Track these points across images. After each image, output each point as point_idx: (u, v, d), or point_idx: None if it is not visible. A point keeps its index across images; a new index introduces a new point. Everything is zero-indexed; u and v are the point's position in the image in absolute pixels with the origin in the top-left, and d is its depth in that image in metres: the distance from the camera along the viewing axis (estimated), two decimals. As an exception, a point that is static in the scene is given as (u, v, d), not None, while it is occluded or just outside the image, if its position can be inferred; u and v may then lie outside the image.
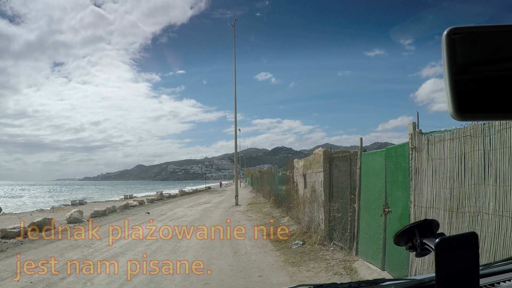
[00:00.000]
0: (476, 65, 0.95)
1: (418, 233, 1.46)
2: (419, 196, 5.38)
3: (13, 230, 12.64)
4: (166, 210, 24.36)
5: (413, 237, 1.49)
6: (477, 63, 0.95)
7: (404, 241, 1.53)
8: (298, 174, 14.17)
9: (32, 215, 20.18)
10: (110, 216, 20.77)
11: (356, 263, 7.73)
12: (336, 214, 9.43)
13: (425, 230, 1.46)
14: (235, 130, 30.98)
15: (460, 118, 0.96)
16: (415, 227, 1.48)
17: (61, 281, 7.38)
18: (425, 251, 1.45)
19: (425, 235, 1.44)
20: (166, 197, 38.25)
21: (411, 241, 1.51)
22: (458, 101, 0.95)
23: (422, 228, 1.47)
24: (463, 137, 4.32)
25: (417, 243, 1.46)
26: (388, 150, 6.77)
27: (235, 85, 29.88)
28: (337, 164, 9.60)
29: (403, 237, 1.52)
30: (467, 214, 4.19)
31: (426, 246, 1.41)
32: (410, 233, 1.49)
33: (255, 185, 46.77)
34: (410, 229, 1.49)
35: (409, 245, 1.52)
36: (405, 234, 1.51)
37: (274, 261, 8.71)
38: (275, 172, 25.53)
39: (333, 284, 1.90)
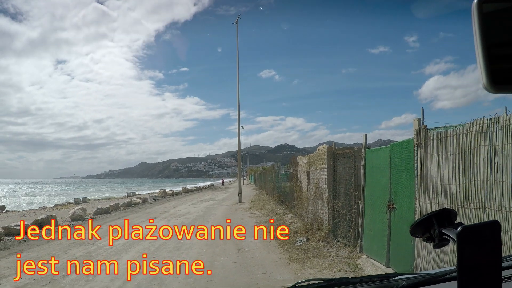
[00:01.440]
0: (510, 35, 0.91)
1: (436, 223, 1.41)
2: (425, 192, 5.35)
3: (16, 228, 12.65)
4: (170, 207, 24.39)
5: (430, 227, 1.43)
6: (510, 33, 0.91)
7: (421, 231, 1.47)
8: (302, 171, 14.15)
9: (35, 213, 20.19)
10: (114, 213, 20.81)
11: (360, 260, 7.70)
12: (340, 211, 9.41)
13: (443, 220, 1.40)
14: (238, 127, 31.03)
15: (494, 90, 0.92)
16: (433, 217, 1.42)
17: (63, 278, 7.40)
18: (443, 242, 1.40)
19: (443, 225, 1.39)
20: (169, 195, 38.32)
21: (428, 231, 1.45)
22: (492, 72, 0.91)
23: (440, 217, 1.41)
24: (468, 133, 4.29)
25: (435, 234, 1.40)
26: (393, 147, 6.74)
27: (238, 82, 29.90)
28: (341, 161, 9.57)
29: (420, 228, 1.46)
30: (473, 210, 4.16)
31: (445, 236, 1.35)
32: (428, 223, 1.43)
33: (258, 183, 46.77)
34: (427, 219, 1.43)
35: (427, 236, 1.46)
36: (422, 225, 1.45)
37: (278, 258, 8.70)
38: (279, 169, 25.50)
39: (344, 279, 1.89)
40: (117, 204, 23.56)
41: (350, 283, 1.86)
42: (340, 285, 1.84)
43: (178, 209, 22.60)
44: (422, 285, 1.84)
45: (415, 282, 1.86)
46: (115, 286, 6.75)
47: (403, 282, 1.85)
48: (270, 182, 28.21)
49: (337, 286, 1.83)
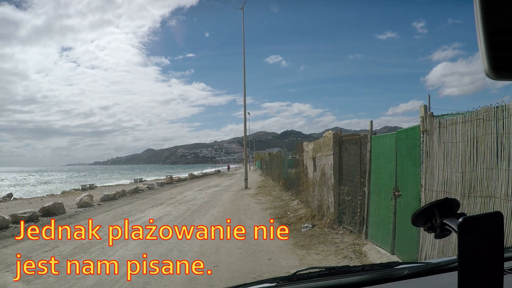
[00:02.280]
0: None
1: (438, 213, 1.38)
2: (430, 180, 5.33)
3: (23, 215, 12.79)
4: (176, 193, 24.54)
5: (432, 217, 1.40)
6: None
7: (422, 221, 1.45)
8: (308, 157, 14.14)
9: (42, 200, 20.31)
10: (120, 200, 20.96)
11: (365, 246, 7.72)
12: (345, 198, 9.41)
13: (445, 210, 1.37)
14: (244, 113, 30.96)
15: (496, 76, 0.90)
16: (435, 207, 1.39)
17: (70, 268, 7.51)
18: (445, 232, 1.37)
19: (445, 215, 1.36)
20: (175, 181, 38.50)
21: (430, 221, 1.42)
22: (494, 59, 0.88)
23: (442, 207, 1.38)
24: (475, 120, 4.24)
25: (437, 224, 1.38)
26: (399, 133, 6.70)
27: (244, 68, 29.74)
28: (347, 147, 9.54)
29: (421, 217, 1.44)
30: (479, 198, 4.14)
31: (447, 226, 1.33)
32: (429, 213, 1.41)
33: (264, 169, 46.88)
34: (429, 209, 1.40)
35: (428, 226, 1.44)
36: (423, 214, 1.43)
37: (284, 244, 8.74)
38: (285, 155, 25.50)
39: (346, 267, 1.89)
40: (124, 191, 23.70)
41: (351, 272, 1.85)
42: (341, 273, 1.84)
43: (184, 195, 22.73)
44: (424, 275, 1.84)
45: (417, 271, 1.86)
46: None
47: (405, 271, 1.85)
48: (276, 168, 28.26)
49: (338, 274, 1.83)
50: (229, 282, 5.99)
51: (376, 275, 1.85)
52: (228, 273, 6.60)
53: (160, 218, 13.36)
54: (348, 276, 1.83)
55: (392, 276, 1.83)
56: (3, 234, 10.66)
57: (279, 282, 1.77)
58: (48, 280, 6.54)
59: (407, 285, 1.76)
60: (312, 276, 1.81)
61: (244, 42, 29.41)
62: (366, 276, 1.83)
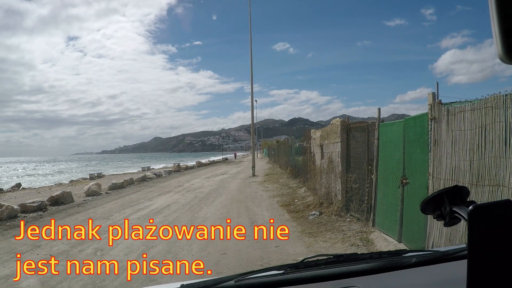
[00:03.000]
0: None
1: (447, 200, 1.37)
2: (438, 168, 5.30)
3: (32, 205, 12.91)
4: (184, 181, 24.66)
5: (441, 205, 1.40)
6: None
7: (431, 209, 1.45)
8: (315, 145, 14.11)
9: (51, 189, 20.42)
10: (128, 188, 21.10)
11: (372, 234, 7.73)
12: (353, 185, 9.40)
13: (454, 198, 1.37)
14: (252, 101, 30.89)
15: (511, 61, 0.87)
16: (445, 194, 1.38)
17: (79, 253, 7.61)
18: (454, 220, 1.37)
19: (455, 202, 1.35)
20: (183, 169, 38.67)
21: (439, 209, 1.42)
22: (509, 42, 0.86)
23: (451, 195, 1.37)
24: (484, 108, 4.20)
25: (446, 212, 1.37)
26: (407, 121, 6.65)
27: (251, 55, 29.58)
28: (355, 134, 9.51)
29: (430, 205, 1.43)
30: (487, 187, 4.11)
31: (457, 214, 1.32)
32: (439, 201, 1.40)
33: (272, 156, 46.91)
34: (438, 196, 1.40)
35: (437, 214, 1.43)
36: (433, 202, 1.42)
37: (291, 231, 8.77)
38: (292, 143, 25.47)
39: (354, 255, 1.89)
40: (132, 179, 23.80)
41: (359, 259, 1.85)
42: (349, 261, 1.83)
43: (192, 183, 22.84)
44: (432, 263, 1.83)
45: (425, 259, 1.86)
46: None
47: (413, 259, 1.85)
48: (284, 156, 28.26)
49: (346, 262, 1.83)
50: (236, 269, 6.02)
51: (384, 262, 1.85)
52: (236, 261, 6.65)
53: (167, 206, 13.47)
54: (356, 264, 1.83)
55: (400, 264, 1.83)
56: (12, 224, 10.82)
57: (287, 270, 1.77)
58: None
59: (415, 273, 1.76)
60: (320, 263, 1.81)
61: (251, 29, 29.19)
62: (374, 263, 1.84)
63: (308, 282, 1.72)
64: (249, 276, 1.75)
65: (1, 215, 11.17)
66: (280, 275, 1.76)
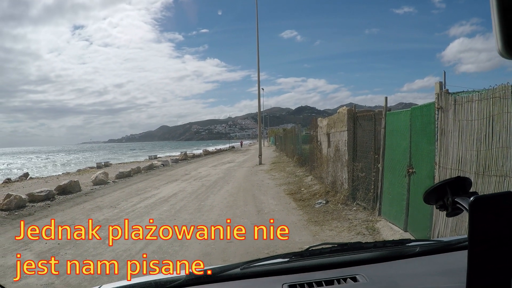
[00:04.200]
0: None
1: (450, 191, 1.38)
2: (445, 158, 5.28)
3: (40, 194, 13.04)
4: (191, 169, 24.77)
5: (444, 195, 1.41)
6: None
7: (434, 199, 1.45)
8: (322, 133, 14.10)
9: (58, 179, 20.59)
10: (135, 177, 21.24)
11: (378, 223, 7.76)
12: (359, 174, 9.41)
13: (457, 189, 1.38)
14: (258, 89, 30.77)
15: (510, 56, 0.87)
16: (447, 185, 1.39)
17: (87, 242, 7.71)
18: (456, 211, 1.38)
19: (457, 193, 1.36)
20: (190, 157, 38.86)
21: (442, 199, 1.43)
22: (508, 36, 0.85)
23: (454, 186, 1.38)
24: (491, 98, 4.16)
25: (449, 202, 1.38)
26: (414, 110, 6.62)
27: (257, 42, 29.40)
28: (361, 123, 9.48)
29: (433, 195, 1.44)
30: (493, 177, 4.10)
31: (459, 205, 1.33)
32: (441, 191, 1.41)
33: (278, 145, 46.91)
34: (441, 187, 1.41)
35: (440, 204, 1.44)
36: (435, 192, 1.43)
37: (297, 220, 8.83)
38: (299, 131, 25.45)
39: (358, 243, 1.91)
40: (139, 168, 23.95)
41: (363, 248, 1.88)
42: (353, 249, 1.86)
43: (199, 171, 22.95)
44: (436, 253, 1.86)
45: (429, 249, 1.88)
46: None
47: (417, 248, 1.87)
48: (290, 144, 28.25)
49: (350, 250, 1.85)
50: (243, 257, 6.07)
51: (387, 252, 1.87)
52: (242, 248, 6.71)
53: (174, 194, 13.57)
54: (360, 252, 1.85)
55: (404, 253, 1.86)
56: (20, 213, 10.97)
57: (292, 258, 1.80)
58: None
59: (418, 262, 1.79)
60: (325, 252, 1.83)
61: (258, 17, 28.97)
62: (378, 252, 1.86)
63: (313, 270, 1.74)
64: (254, 264, 1.78)
65: (10, 204, 11.31)
66: (285, 263, 1.78)
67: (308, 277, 1.66)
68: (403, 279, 1.69)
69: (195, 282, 1.68)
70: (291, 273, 1.73)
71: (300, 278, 1.67)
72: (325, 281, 1.62)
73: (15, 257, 6.71)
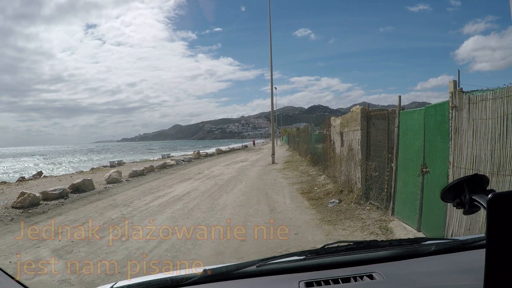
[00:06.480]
0: None
1: (467, 188, 1.38)
2: (459, 157, 5.24)
3: (53, 192, 13.16)
4: (203, 168, 24.86)
5: (461, 193, 1.41)
6: None
7: (451, 197, 1.46)
8: (335, 133, 14.06)
9: (72, 177, 20.73)
10: (148, 175, 21.37)
11: (392, 223, 7.72)
12: (373, 173, 9.37)
13: (474, 186, 1.38)
14: (271, 88, 30.73)
15: None
16: (464, 182, 1.39)
17: (99, 241, 7.81)
18: (474, 208, 1.38)
19: (474, 191, 1.37)
20: (203, 156, 38.95)
21: (459, 197, 1.43)
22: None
23: (471, 183, 1.39)
24: (506, 97, 4.12)
25: (466, 200, 1.39)
26: (428, 109, 6.58)
27: (270, 41, 29.37)
28: (375, 122, 9.44)
29: (450, 193, 1.45)
30: (507, 177, 4.06)
31: (476, 202, 1.33)
32: (459, 189, 1.41)
33: (291, 144, 46.82)
34: (458, 184, 1.41)
35: (457, 202, 1.45)
36: (453, 190, 1.44)
37: (310, 219, 8.83)
38: (312, 130, 25.38)
39: (374, 241, 1.91)
40: (152, 166, 24.05)
41: (379, 246, 1.88)
42: (369, 247, 1.86)
43: (211, 170, 23.02)
44: (452, 251, 1.86)
45: (445, 248, 1.89)
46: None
47: (433, 247, 1.87)
48: (303, 143, 28.18)
49: (366, 248, 1.86)
50: (256, 255, 6.09)
51: (403, 250, 1.88)
52: (255, 247, 6.73)
53: (187, 193, 13.65)
54: (376, 251, 1.87)
55: (419, 252, 1.86)
56: (34, 211, 11.12)
57: (308, 255, 1.81)
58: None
59: (434, 261, 1.79)
60: (341, 249, 1.84)
61: (272, 15, 28.91)
62: (393, 251, 1.87)
63: (329, 268, 1.76)
64: (270, 261, 1.80)
65: (24, 202, 11.44)
66: (301, 260, 1.80)
67: (324, 275, 1.68)
68: (419, 277, 1.70)
69: (211, 279, 1.71)
70: (307, 270, 1.74)
71: (316, 275, 1.68)
72: (341, 278, 1.64)
73: (29, 255, 6.82)
